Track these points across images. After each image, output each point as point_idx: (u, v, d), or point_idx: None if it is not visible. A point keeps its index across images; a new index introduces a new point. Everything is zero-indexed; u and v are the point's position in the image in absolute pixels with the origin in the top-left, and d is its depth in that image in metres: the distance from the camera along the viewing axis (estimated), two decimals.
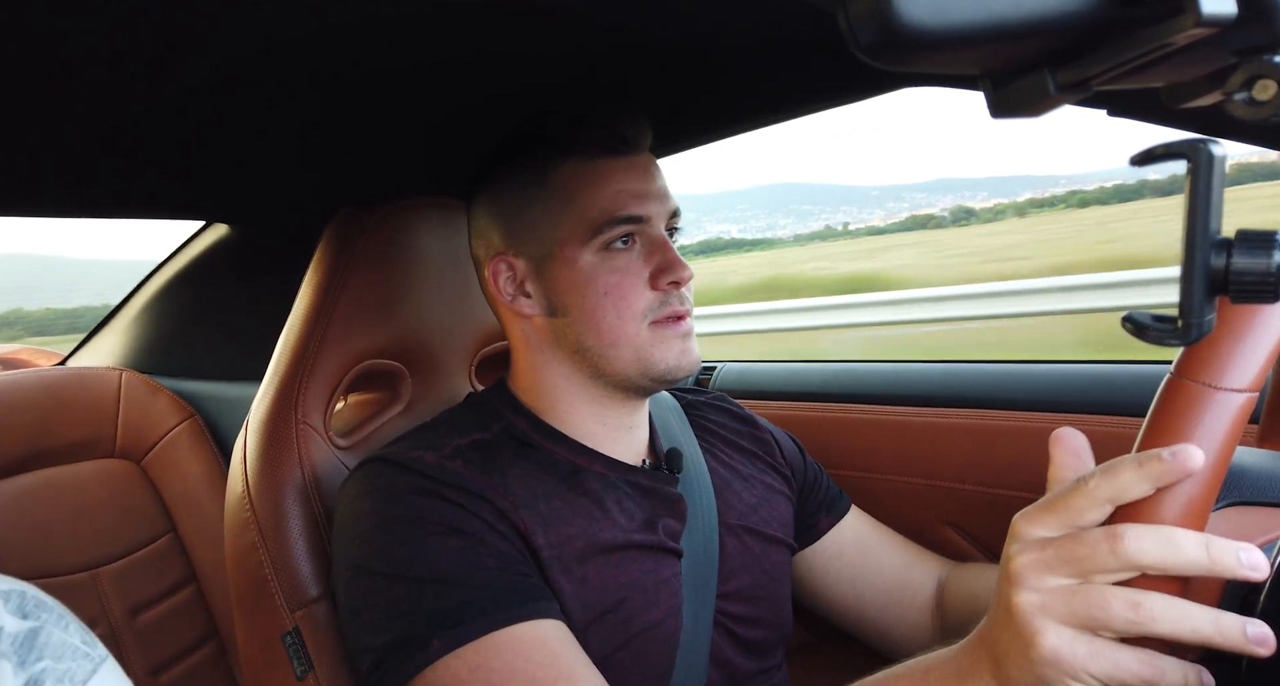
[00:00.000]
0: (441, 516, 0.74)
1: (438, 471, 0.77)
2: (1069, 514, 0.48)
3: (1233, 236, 0.42)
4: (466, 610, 0.69)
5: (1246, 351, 0.46)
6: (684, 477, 0.90)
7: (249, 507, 0.87)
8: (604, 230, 0.81)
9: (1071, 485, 0.48)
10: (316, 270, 0.96)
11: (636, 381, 0.84)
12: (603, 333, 0.82)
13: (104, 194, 1.22)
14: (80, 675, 0.47)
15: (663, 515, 0.85)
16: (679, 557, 0.84)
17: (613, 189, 0.82)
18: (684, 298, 0.84)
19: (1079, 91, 0.40)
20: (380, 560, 0.73)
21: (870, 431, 1.22)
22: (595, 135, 0.83)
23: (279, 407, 0.90)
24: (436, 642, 0.68)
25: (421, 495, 0.75)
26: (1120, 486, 0.46)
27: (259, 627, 0.87)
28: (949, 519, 1.13)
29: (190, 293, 1.67)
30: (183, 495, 1.55)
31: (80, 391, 1.54)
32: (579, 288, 0.82)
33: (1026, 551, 0.49)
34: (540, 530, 0.77)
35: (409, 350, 0.99)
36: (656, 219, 0.84)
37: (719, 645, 0.86)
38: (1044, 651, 0.46)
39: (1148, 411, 0.49)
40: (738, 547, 0.90)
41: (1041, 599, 0.47)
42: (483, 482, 0.77)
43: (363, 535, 0.76)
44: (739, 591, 0.89)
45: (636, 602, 0.79)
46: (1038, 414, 1.07)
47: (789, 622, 0.95)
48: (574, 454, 0.86)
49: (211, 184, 1.24)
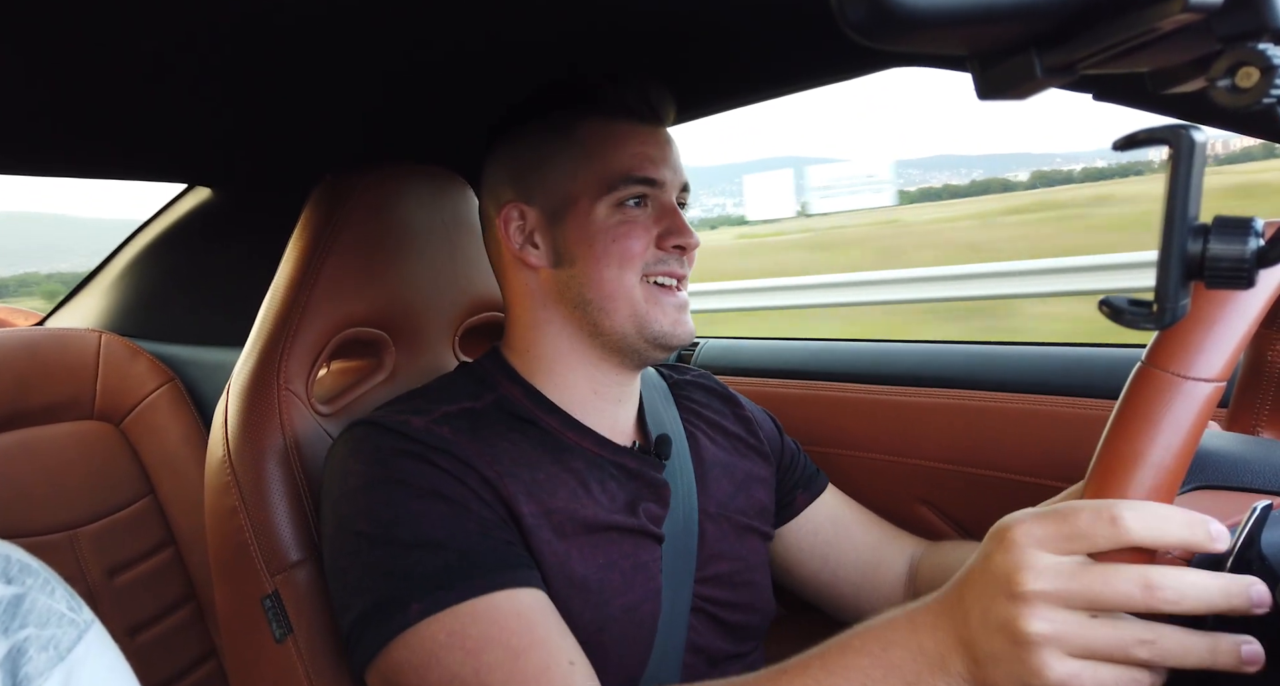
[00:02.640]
0: (426, 480, 0.75)
1: (425, 435, 0.77)
2: (1090, 547, 0.48)
3: (1210, 222, 0.42)
4: (446, 575, 0.70)
5: (1216, 341, 0.47)
6: (669, 463, 0.90)
7: (229, 472, 0.87)
8: (620, 187, 0.84)
9: (1099, 516, 0.47)
10: (300, 236, 0.95)
11: (632, 341, 0.85)
12: (604, 283, 0.84)
13: (82, 153, 1.20)
14: (66, 642, 0.46)
15: (645, 499, 0.86)
16: (659, 542, 0.85)
17: (633, 150, 0.85)
18: (684, 263, 0.87)
19: (1066, 74, 0.41)
20: (365, 521, 0.74)
21: (849, 409, 1.23)
22: (625, 97, 0.86)
23: (261, 373, 0.90)
24: (416, 606, 0.69)
25: (407, 458, 0.76)
26: (1164, 537, 0.47)
27: (238, 590, 0.87)
28: (922, 496, 1.15)
29: (171, 256, 1.65)
30: (162, 458, 1.55)
31: (59, 352, 1.53)
32: (588, 238, 0.84)
33: (1041, 577, 0.48)
34: (524, 498, 0.78)
35: (393, 318, 0.99)
36: (670, 186, 0.86)
37: (698, 629, 0.87)
38: (1051, 682, 0.47)
39: (1119, 398, 0.50)
40: (716, 533, 0.91)
41: (1054, 629, 0.47)
42: (469, 449, 0.78)
43: (349, 494, 0.76)
44: (718, 576, 0.90)
45: (615, 584, 0.80)
46: (1013, 395, 1.08)
47: (770, 607, 0.96)
48: (565, 428, 0.86)
49: (193, 147, 1.22)
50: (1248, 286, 0.42)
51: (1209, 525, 0.47)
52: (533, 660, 0.68)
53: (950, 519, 1.13)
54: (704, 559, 0.89)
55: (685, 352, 1.50)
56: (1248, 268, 0.42)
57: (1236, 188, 10.85)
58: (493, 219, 0.90)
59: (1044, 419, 1.04)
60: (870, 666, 0.54)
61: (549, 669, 0.67)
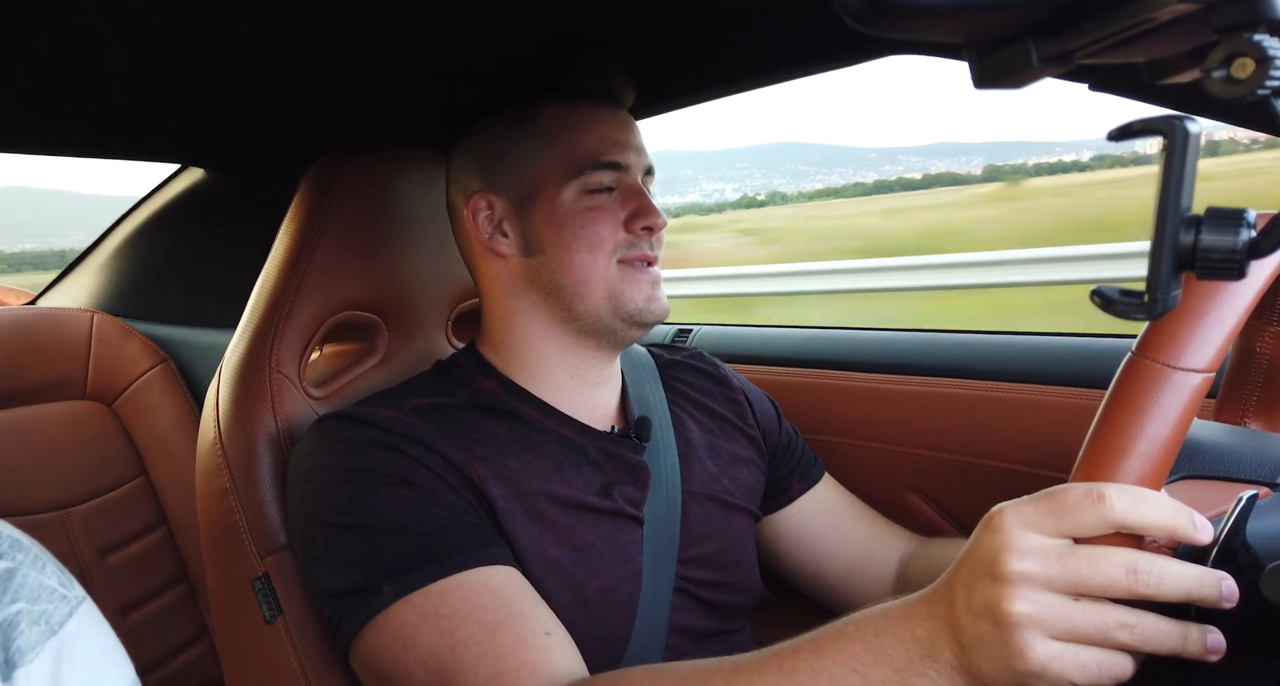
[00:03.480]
0: (393, 468, 0.75)
1: (393, 424, 0.78)
2: (1077, 526, 0.48)
3: (1202, 214, 0.42)
4: (416, 558, 0.71)
5: (1206, 332, 0.47)
6: (650, 445, 0.91)
7: (220, 454, 0.87)
8: (585, 172, 0.84)
9: (1088, 495, 0.48)
10: (294, 218, 0.95)
11: (608, 323, 0.86)
12: (575, 269, 0.84)
13: (74, 133, 1.19)
14: (57, 617, 0.46)
15: (622, 482, 0.86)
16: (639, 524, 0.85)
17: (597, 134, 0.85)
18: (654, 244, 0.87)
19: (1062, 64, 0.41)
20: (335, 512, 0.75)
21: (841, 397, 1.23)
22: (586, 83, 0.86)
23: (253, 355, 0.90)
24: (388, 589, 0.70)
25: (375, 447, 0.77)
26: (1147, 520, 0.47)
27: (229, 572, 0.87)
28: (914, 484, 1.15)
29: (164, 236, 1.65)
30: (154, 439, 1.55)
31: (51, 332, 1.52)
32: (557, 224, 0.84)
33: (1025, 559, 0.48)
34: (495, 481, 0.79)
35: (386, 302, 0.99)
36: (635, 169, 0.87)
37: (682, 608, 0.87)
38: (1033, 664, 0.47)
39: (1109, 387, 0.50)
40: (700, 514, 0.91)
41: (1036, 611, 0.47)
42: (437, 437, 0.79)
43: (318, 488, 0.77)
44: (702, 557, 0.90)
45: (591, 565, 0.81)
46: (1006, 384, 1.09)
47: (756, 587, 0.96)
48: (543, 416, 0.87)
49: (186, 126, 1.21)
50: (1238, 278, 0.42)
51: (1194, 516, 0.48)
52: (509, 633, 0.68)
53: (941, 507, 1.13)
54: (687, 539, 0.89)
55: (678, 339, 1.50)
56: (1239, 259, 0.42)
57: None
58: (460, 210, 0.90)
59: (1037, 408, 1.05)
60: (862, 652, 0.54)
61: (525, 641, 0.68)
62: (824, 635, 0.57)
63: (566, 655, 0.69)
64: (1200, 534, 0.48)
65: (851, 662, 0.54)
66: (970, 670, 0.50)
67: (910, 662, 0.52)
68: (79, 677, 0.45)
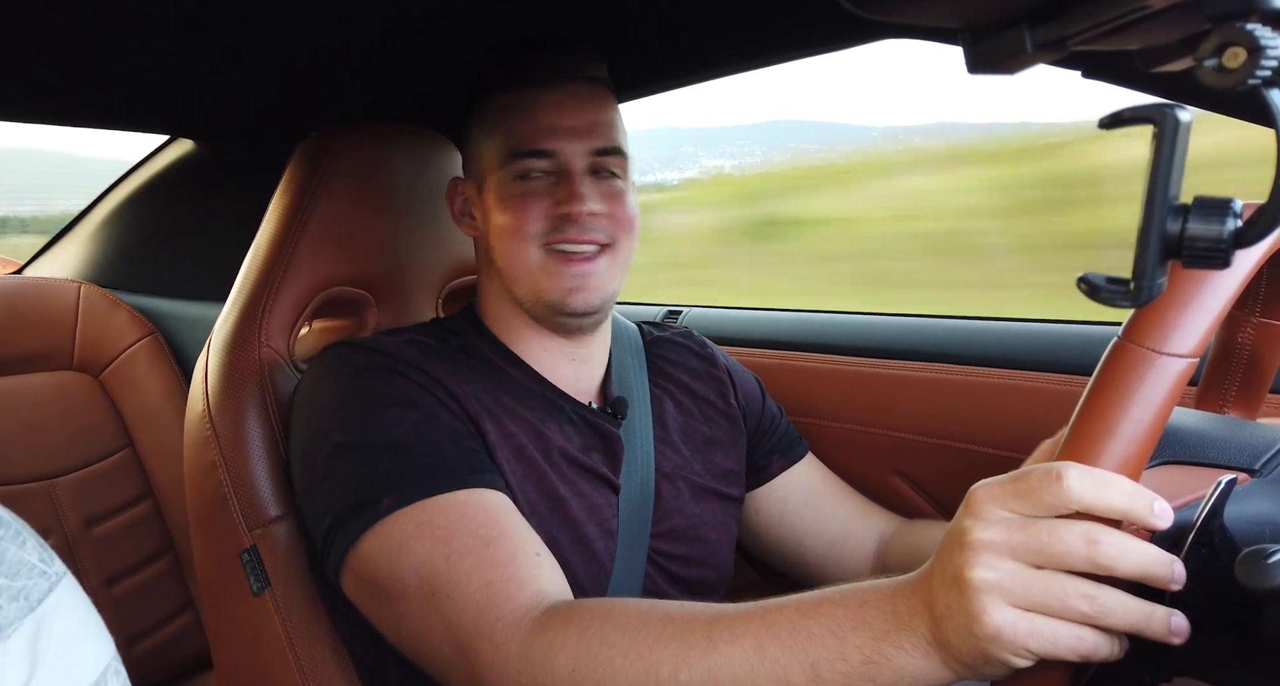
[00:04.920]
0: (397, 390, 0.78)
1: (396, 350, 0.82)
2: (1038, 505, 0.49)
3: (1190, 202, 0.43)
4: (417, 473, 0.73)
5: (1191, 318, 0.48)
6: (626, 424, 0.92)
7: (209, 427, 0.87)
8: (511, 160, 0.86)
9: (1047, 475, 0.49)
10: (284, 192, 0.94)
11: (536, 309, 0.88)
12: (506, 253, 0.87)
13: (63, 100, 1.18)
14: (36, 593, 0.46)
15: (596, 449, 0.89)
16: (615, 491, 0.88)
17: (532, 123, 0.85)
18: (582, 228, 0.85)
19: (1056, 50, 0.41)
20: (339, 431, 0.77)
21: (827, 380, 1.24)
22: (527, 67, 0.87)
23: (242, 329, 0.90)
24: (387, 501, 0.72)
25: (380, 370, 0.79)
26: (1104, 502, 0.48)
27: (216, 544, 0.87)
28: (896, 467, 1.16)
29: (153, 208, 1.63)
30: (141, 411, 1.54)
31: (38, 302, 1.51)
32: (493, 210, 0.87)
33: (990, 528, 0.50)
34: (488, 418, 0.81)
35: (376, 279, 0.99)
36: (570, 154, 0.85)
37: (654, 580, 0.90)
38: (989, 628, 0.48)
39: (1094, 372, 0.50)
40: (672, 492, 0.93)
41: (997, 577, 0.48)
42: (437, 368, 0.81)
43: (322, 410, 0.79)
44: (673, 531, 0.92)
45: (570, 517, 0.83)
46: (990, 369, 1.09)
47: (727, 566, 0.98)
48: (528, 379, 0.89)
49: (176, 97, 1.20)
50: (1224, 266, 0.43)
51: (1155, 502, 0.48)
52: (502, 548, 0.70)
53: (923, 490, 1.14)
54: (660, 514, 0.91)
55: (667, 321, 1.51)
56: (1224, 248, 0.42)
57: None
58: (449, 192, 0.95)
59: (1019, 394, 1.05)
60: (843, 617, 0.55)
61: (516, 557, 0.70)
62: (810, 597, 0.59)
63: (554, 576, 0.72)
64: (1158, 519, 0.48)
65: (831, 625, 0.55)
66: (942, 642, 0.51)
67: (888, 633, 0.53)
68: (57, 652, 0.45)
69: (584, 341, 0.92)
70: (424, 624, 0.70)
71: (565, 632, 0.64)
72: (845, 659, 0.54)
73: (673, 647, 0.60)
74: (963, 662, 0.51)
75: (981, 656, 0.50)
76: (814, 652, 0.55)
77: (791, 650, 0.56)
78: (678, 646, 0.60)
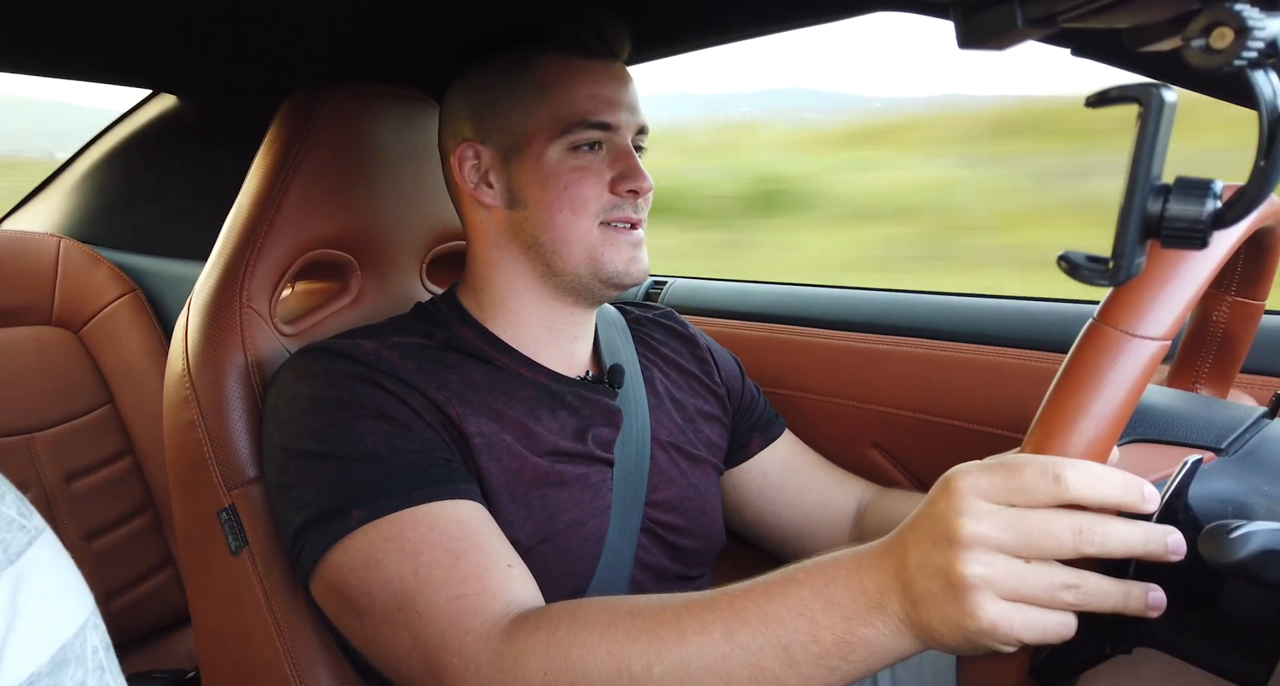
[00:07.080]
0: (372, 401, 0.76)
1: (374, 359, 0.79)
2: (1026, 496, 0.50)
3: (1172, 182, 0.43)
4: (386, 486, 0.72)
5: (1166, 300, 0.48)
6: (622, 393, 0.92)
7: (189, 386, 0.87)
8: (573, 131, 0.83)
9: (1044, 475, 0.49)
10: (268, 151, 0.93)
11: (586, 282, 0.86)
12: (557, 228, 0.84)
13: (41, 50, 1.16)
14: (15, 547, 0.45)
15: (597, 424, 0.88)
16: (610, 466, 0.88)
17: (588, 91, 0.83)
18: (639, 206, 0.87)
19: (1046, 27, 0.41)
20: (310, 439, 0.76)
21: (809, 353, 1.24)
22: (582, 34, 0.84)
23: (223, 289, 0.89)
24: (356, 513, 0.71)
25: (356, 381, 0.77)
26: (1102, 497, 0.48)
27: (195, 503, 0.88)
28: (874, 440, 1.17)
29: (135, 163, 1.61)
30: (121, 368, 1.53)
31: (16, 255, 1.49)
32: (540, 181, 0.84)
33: (980, 522, 0.50)
34: (473, 418, 0.80)
35: (360, 242, 0.98)
36: (625, 129, 0.86)
37: (648, 548, 0.90)
38: (984, 623, 0.49)
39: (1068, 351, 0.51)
40: (667, 462, 0.94)
41: (989, 573, 0.49)
42: (418, 374, 0.79)
43: (296, 416, 0.78)
44: (667, 501, 0.92)
45: (564, 501, 0.83)
46: (970, 345, 1.10)
47: (719, 536, 0.99)
48: (517, 365, 0.88)
49: (158, 50, 1.18)
50: (1201, 247, 0.43)
51: (1143, 487, 0.49)
52: (472, 561, 0.70)
53: (900, 463, 1.16)
54: (654, 483, 0.92)
55: (653, 291, 1.51)
56: (1203, 229, 0.43)
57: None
58: (449, 155, 0.89)
59: (997, 370, 1.06)
60: (811, 598, 0.56)
61: (487, 569, 0.70)
62: (774, 579, 0.59)
63: (527, 587, 0.71)
64: (1149, 504, 0.49)
65: (799, 607, 0.56)
66: (919, 624, 0.52)
67: (858, 612, 0.54)
68: (36, 605, 0.45)
69: (589, 315, 0.92)
70: (393, 638, 0.69)
71: (534, 637, 0.63)
72: (817, 640, 0.55)
73: (643, 641, 0.60)
74: (940, 643, 0.52)
75: (965, 643, 0.51)
76: (785, 636, 0.56)
77: (762, 635, 0.56)
78: (647, 639, 0.60)
